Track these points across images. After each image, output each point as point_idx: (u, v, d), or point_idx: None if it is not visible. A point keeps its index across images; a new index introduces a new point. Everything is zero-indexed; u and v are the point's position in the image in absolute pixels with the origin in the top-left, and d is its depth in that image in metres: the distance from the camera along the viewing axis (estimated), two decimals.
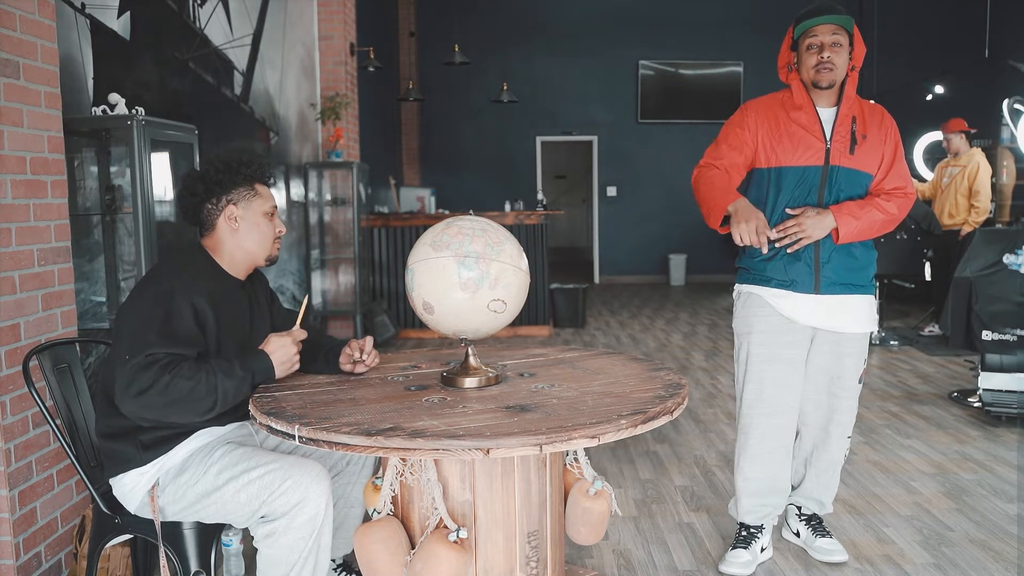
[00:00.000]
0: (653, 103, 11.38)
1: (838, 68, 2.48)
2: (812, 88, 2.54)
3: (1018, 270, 4.67)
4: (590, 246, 12.46)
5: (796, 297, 2.55)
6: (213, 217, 2.12)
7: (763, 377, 2.60)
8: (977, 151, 6.44)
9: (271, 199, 2.20)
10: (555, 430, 1.60)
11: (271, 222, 2.17)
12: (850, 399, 2.65)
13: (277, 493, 1.91)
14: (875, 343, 6.33)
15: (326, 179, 6.42)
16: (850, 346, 2.61)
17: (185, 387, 1.86)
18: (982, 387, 4.22)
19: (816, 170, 2.52)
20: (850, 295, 2.56)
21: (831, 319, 2.56)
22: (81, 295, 3.07)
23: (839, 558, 2.68)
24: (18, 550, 2.40)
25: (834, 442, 2.68)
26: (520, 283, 1.93)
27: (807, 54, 2.50)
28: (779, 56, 2.64)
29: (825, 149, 2.51)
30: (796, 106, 2.55)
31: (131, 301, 2.01)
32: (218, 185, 2.10)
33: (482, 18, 11.28)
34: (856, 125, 2.54)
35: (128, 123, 3.02)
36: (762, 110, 2.59)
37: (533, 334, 7.10)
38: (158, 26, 4.02)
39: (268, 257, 2.20)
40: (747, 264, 2.65)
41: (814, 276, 2.53)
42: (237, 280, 2.17)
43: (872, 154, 2.55)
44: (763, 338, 2.59)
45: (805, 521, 2.79)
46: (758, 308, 2.60)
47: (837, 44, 2.47)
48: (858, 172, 2.54)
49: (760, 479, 2.64)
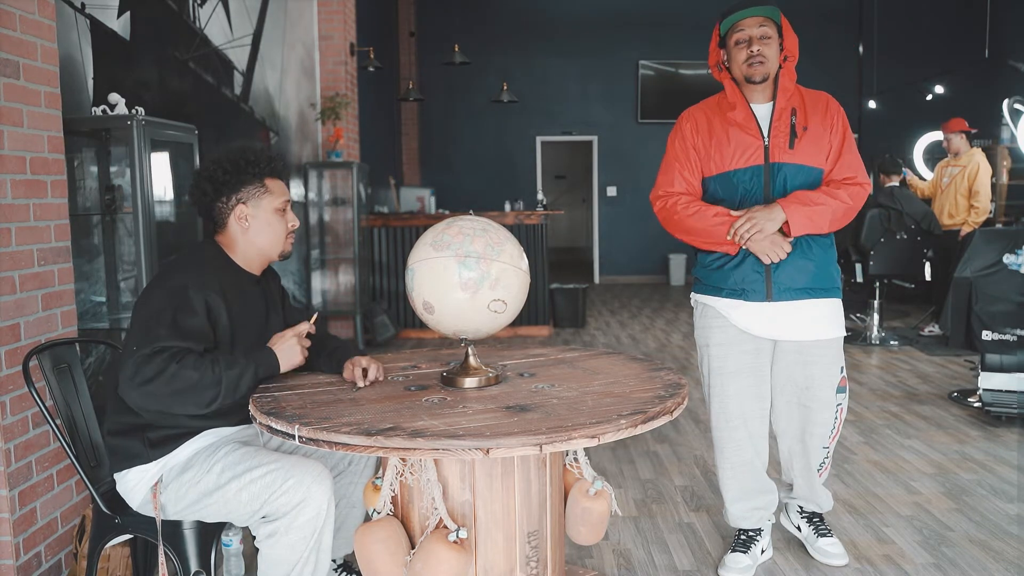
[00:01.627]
0: (653, 103, 11.38)
1: (769, 60, 2.40)
2: (745, 84, 2.45)
3: (1018, 270, 4.68)
4: (590, 246, 12.46)
5: (748, 306, 2.44)
6: (224, 216, 2.12)
7: (725, 390, 2.53)
8: (977, 151, 6.44)
9: (284, 193, 2.17)
10: (555, 430, 1.60)
11: (283, 218, 2.15)
12: (824, 411, 2.51)
13: (279, 492, 1.91)
14: (875, 343, 6.33)
15: (326, 179, 6.42)
16: (816, 354, 2.47)
17: (191, 377, 1.87)
18: (982, 387, 4.22)
19: (758, 170, 2.42)
20: (809, 300, 2.44)
21: (789, 328, 2.43)
22: (81, 295, 3.07)
23: (839, 562, 2.63)
24: (18, 550, 2.40)
25: (811, 453, 2.57)
26: (520, 283, 1.93)
27: (736, 49, 2.42)
28: (708, 56, 2.57)
29: (764, 147, 2.42)
30: (730, 105, 2.47)
31: (145, 296, 2.02)
32: (226, 185, 2.09)
33: (482, 18, 11.29)
34: (796, 117, 2.43)
35: (128, 123, 3.02)
36: (697, 117, 2.52)
37: (533, 334, 7.10)
38: (158, 26, 4.02)
39: (281, 253, 2.19)
40: (698, 273, 2.57)
41: (765, 282, 2.42)
42: (252, 275, 2.17)
43: (816, 145, 2.43)
44: (720, 351, 2.52)
45: (807, 518, 2.76)
46: (713, 319, 2.53)
47: (766, 36, 2.39)
48: (803, 167, 2.42)
49: (742, 487, 2.60)
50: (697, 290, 2.61)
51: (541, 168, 11.75)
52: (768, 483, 2.64)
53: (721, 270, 2.48)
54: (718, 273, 2.49)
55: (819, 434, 2.55)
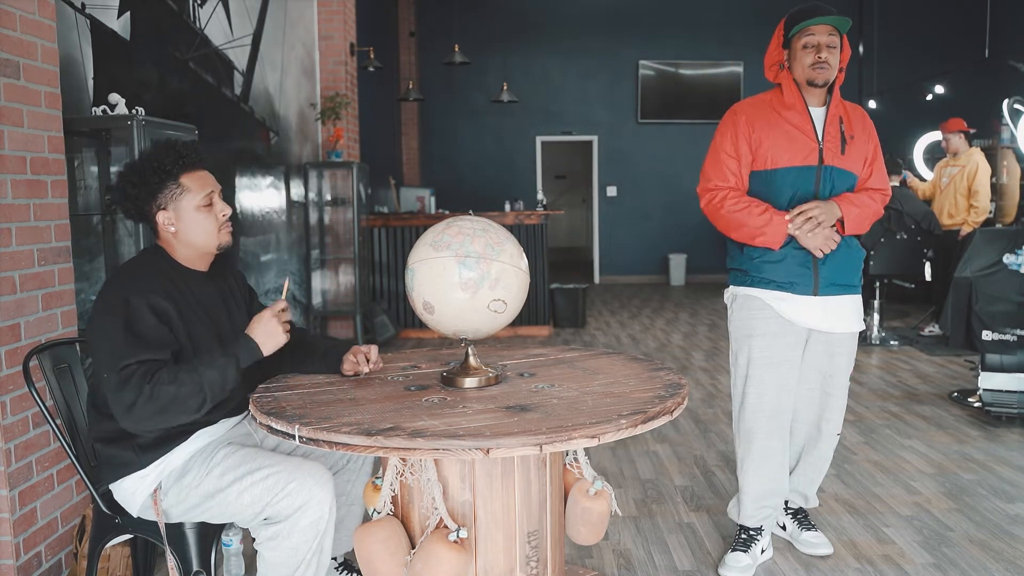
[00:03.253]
0: (653, 103, 11.38)
1: (833, 68, 2.49)
2: (804, 87, 2.53)
3: (1018, 270, 4.67)
4: (590, 246, 12.46)
5: (796, 299, 2.55)
6: (152, 223, 2.06)
7: (765, 380, 2.60)
8: (976, 151, 6.44)
9: (205, 187, 2.05)
10: (555, 430, 1.60)
11: (210, 212, 2.06)
12: (840, 397, 2.67)
13: (281, 496, 1.90)
14: (875, 343, 6.33)
15: (326, 179, 6.42)
16: (842, 345, 2.62)
17: (169, 392, 1.83)
18: (982, 387, 4.22)
19: (811, 170, 2.52)
20: (843, 295, 2.58)
21: (826, 320, 2.56)
22: (81, 295, 3.07)
23: (824, 551, 2.71)
24: (18, 550, 2.40)
25: (825, 438, 2.71)
26: (520, 283, 1.93)
27: (803, 52, 2.50)
28: (767, 54, 2.63)
29: (818, 149, 2.52)
30: (787, 105, 2.55)
31: (91, 322, 1.97)
32: (139, 197, 2.02)
33: (482, 18, 11.28)
34: (844, 125, 2.55)
35: (128, 123, 3.02)
36: (753, 111, 2.58)
37: (533, 334, 7.10)
38: (158, 26, 4.02)
39: (219, 245, 2.10)
40: (745, 266, 2.62)
41: (813, 277, 2.53)
42: (199, 272, 2.12)
43: (858, 154, 2.57)
44: (764, 341, 2.59)
45: (792, 515, 2.82)
46: (758, 311, 2.59)
47: (832, 45, 2.48)
48: (847, 172, 2.56)
49: (766, 480, 2.64)
50: (739, 282, 2.66)
51: (541, 168, 11.75)
52: (784, 482, 2.69)
53: (771, 263, 2.55)
54: (769, 266, 2.56)
55: (834, 419, 2.69)
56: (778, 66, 2.60)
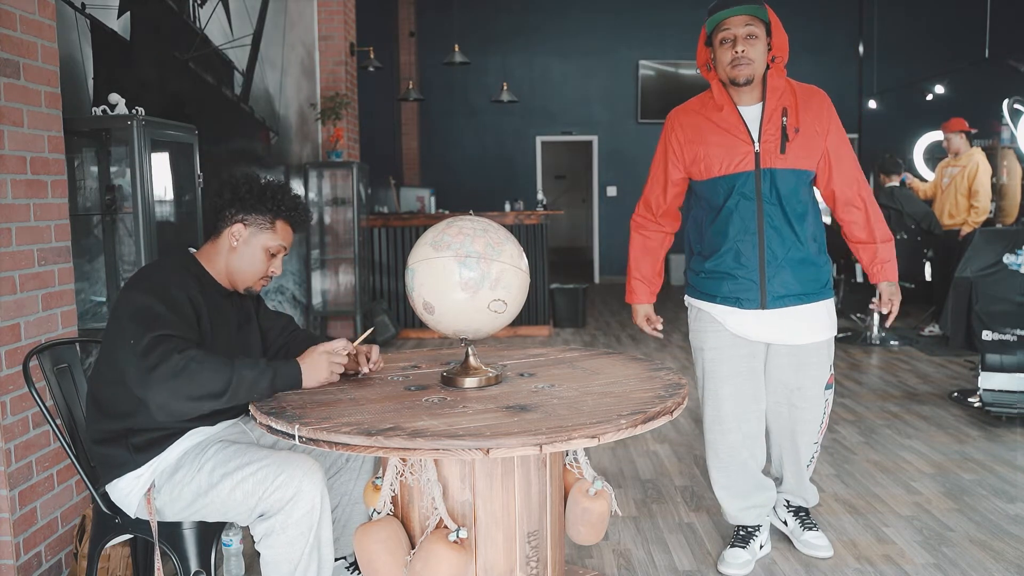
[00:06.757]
0: (653, 103, 11.38)
1: (756, 62, 2.31)
2: (731, 86, 2.37)
3: (1018, 270, 4.67)
4: (590, 246, 12.46)
5: (744, 313, 2.44)
6: (221, 227, 2.11)
7: (719, 394, 2.53)
8: (977, 151, 6.44)
9: (284, 239, 2.14)
10: (555, 430, 1.60)
11: (268, 261, 2.13)
12: (813, 409, 2.54)
13: (271, 488, 1.91)
14: (875, 343, 6.33)
15: (326, 179, 6.42)
16: (809, 356, 2.49)
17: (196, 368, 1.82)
18: (982, 387, 4.22)
19: (748, 176, 2.36)
20: (802, 305, 2.44)
21: (783, 332, 2.44)
22: (81, 295, 3.07)
23: (823, 554, 2.68)
24: (18, 550, 2.40)
25: (801, 449, 2.61)
26: (520, 283, 1.93)
27: (720, 50, 2.33)
28: (697, 54, 2.49)
29: (754, 152, 2.36)
30: (717, 107, 2.40)
31: (124, 298, 1.97)
32: (241, 201, 2.09)
33: (482, 18, 11.28)
34: (787, 118, 2.35)
35: (128, 123, 3.02)
36: (686, 119, 2.47)
37: (533, 334, 7.10)
38: (158, 26, 4.02)
39: (248, 289, 2.15)
40: (692, 280, 2.55)
41: (760, 292, 2.42)
42: (224, 288, 2.16)
43: (808, 148, 2.37)
44: (715, 354, 2.52)
45: (793, 512, 2.79)
46: (708, 324, 2.52)
47: (752, 36, 2.30)
48: (794, 171, 2.37)
49: (737, 486, 2.61)
50: (691, 294, 2.61)
51: (541, 168, 11.75)
52: (765, 481, 2.66)
53: (715, 279, 2.47)
54: (711, 281, 2.48)
55: (808, 431, 2.59)
56: (706, 66, 2.46)
